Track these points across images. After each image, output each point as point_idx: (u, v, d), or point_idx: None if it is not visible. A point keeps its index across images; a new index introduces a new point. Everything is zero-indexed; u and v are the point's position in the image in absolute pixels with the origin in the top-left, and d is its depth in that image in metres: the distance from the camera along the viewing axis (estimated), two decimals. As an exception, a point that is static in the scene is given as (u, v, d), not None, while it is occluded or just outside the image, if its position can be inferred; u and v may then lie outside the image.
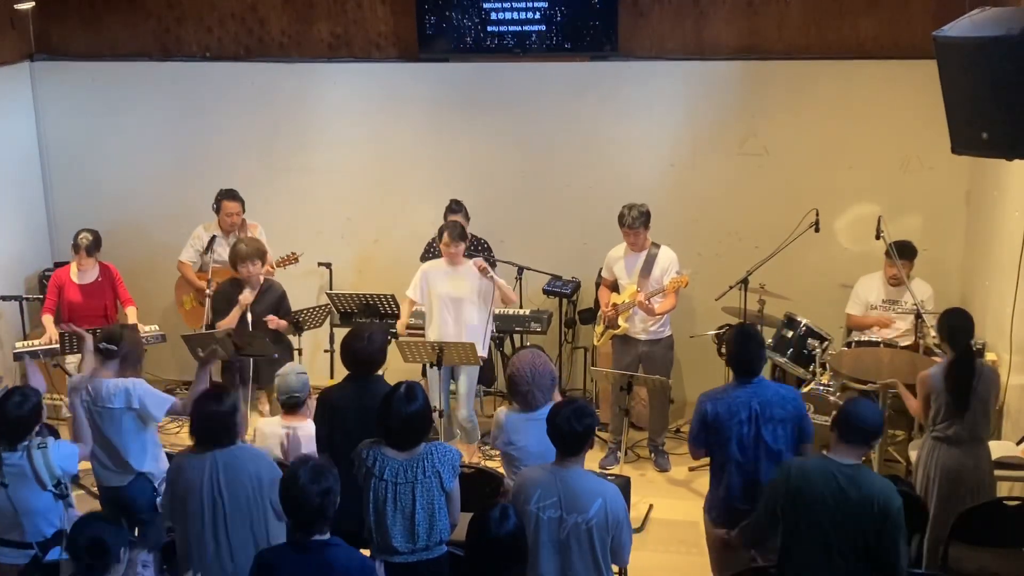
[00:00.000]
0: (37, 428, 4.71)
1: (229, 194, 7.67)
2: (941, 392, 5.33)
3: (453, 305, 6.82)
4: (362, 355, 5.06)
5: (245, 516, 4.36)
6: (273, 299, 7.09)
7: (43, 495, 4.56)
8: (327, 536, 3.81)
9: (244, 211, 7.70)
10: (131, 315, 7.57)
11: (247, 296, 6.87)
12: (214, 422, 4.40)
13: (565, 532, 4.13)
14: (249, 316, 6.92)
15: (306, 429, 5.41)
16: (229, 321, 6.90)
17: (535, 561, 4.13)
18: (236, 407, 4.49)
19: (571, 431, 4.16)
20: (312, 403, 5.40)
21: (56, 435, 5.40)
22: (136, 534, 5.05)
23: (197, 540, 4.39)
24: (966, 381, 5.26)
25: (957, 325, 5.39)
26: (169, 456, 5.58)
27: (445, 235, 6.80)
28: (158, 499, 5.22)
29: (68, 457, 4.71)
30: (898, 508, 4.08)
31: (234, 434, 4.46)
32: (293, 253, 7.75)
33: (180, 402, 5.33)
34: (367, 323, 6.97)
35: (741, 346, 4.98)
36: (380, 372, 5.22)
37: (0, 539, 4.63)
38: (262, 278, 7.05)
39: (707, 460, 7.58)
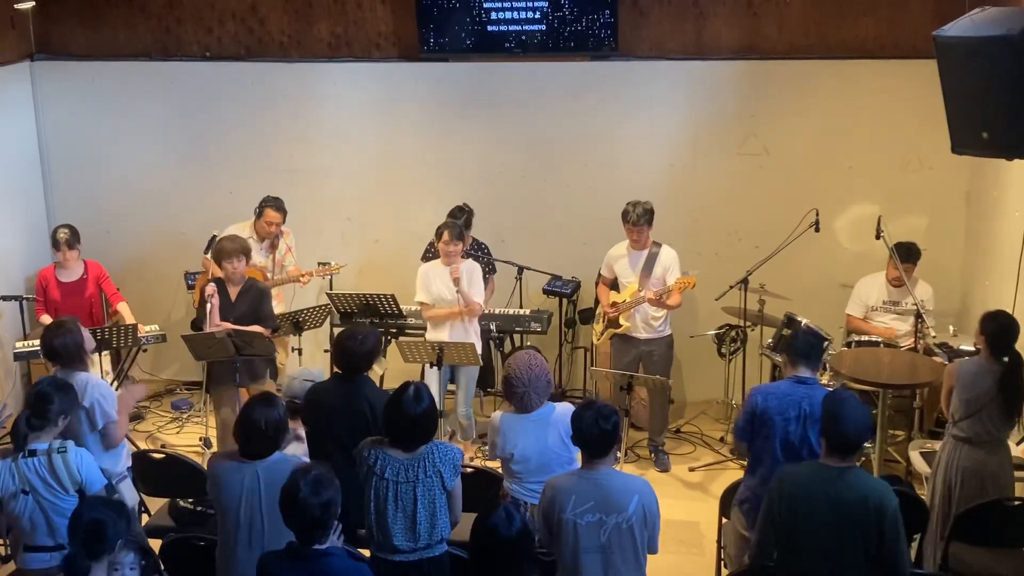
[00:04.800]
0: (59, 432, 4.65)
1: (274, 203, 7.51)
2: (964, 388, 5.29)
3: (450, 303, 6.83)
4: (354, 354, 5.06)
5: (283, 528, 4.11)
6: (254, 298, 6.75)
7: (68, 498, 4.49)
8: (326, 545, 3.79)
9: (284, 222, 7.57)
10: (124, 311, 7.52)
11: (211, 288, 6.58)
12: (261, 431, 4.32)
13: (606, 534, 4.10)
14: (211, 311, 6.55)
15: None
16: (212, 322, 6.59)
17: (576, 569, 4.11)
18: (285, 417, 4.43)
19: (600, 432, 4.14)
20: None
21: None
22: None
23: (231, 550, 4.36)
24: (1017, 388, 5.22)
25: (1005, 325, 5.29)
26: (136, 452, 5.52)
27: (444, 233, 6.81)
28: (115, 497, 5.12)
29: (91, 467, 4.57)
30: (895, 507, 4.03)
31: (277, 445, 4.40)
32: (334, 264, 7.58)
33: (115, 426, 5.12)
34: (362, 324, 6.94)
35: (801, 338, 4.92)
36: (381, 372, 5.22)
37: (30, 546, 4.56)
38: (245, 276, 6.79)
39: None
